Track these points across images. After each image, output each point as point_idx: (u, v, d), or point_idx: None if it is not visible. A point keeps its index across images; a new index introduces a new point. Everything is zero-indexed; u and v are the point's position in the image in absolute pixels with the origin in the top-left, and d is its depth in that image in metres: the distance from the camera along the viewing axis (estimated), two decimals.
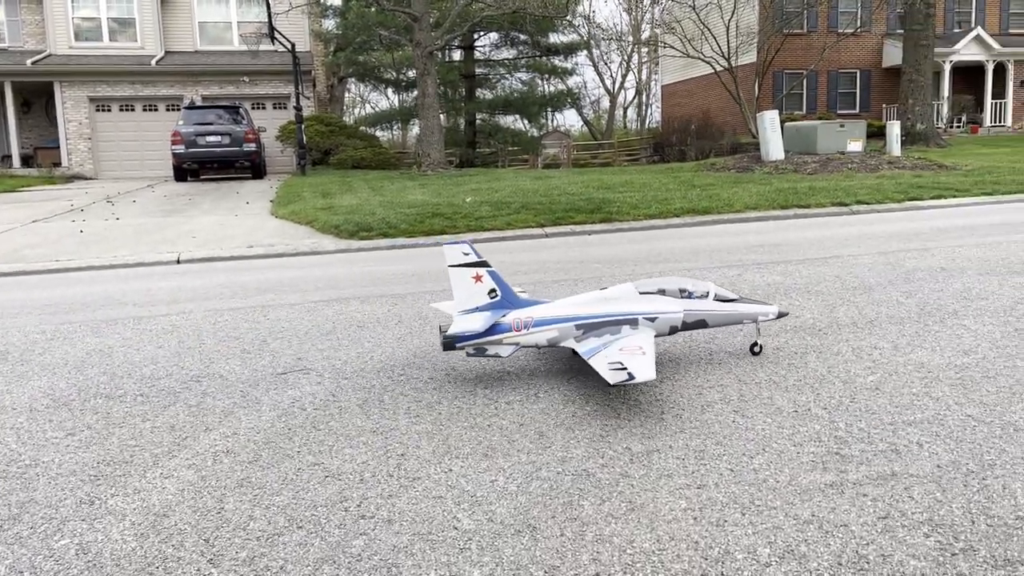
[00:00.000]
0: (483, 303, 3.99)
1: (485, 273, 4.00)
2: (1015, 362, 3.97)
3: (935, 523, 2.48)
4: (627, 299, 4.01)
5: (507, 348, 3.94)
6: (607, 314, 3.94)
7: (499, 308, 3.99)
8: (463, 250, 3.99)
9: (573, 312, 3.98)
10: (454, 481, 2.89)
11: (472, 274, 3.99)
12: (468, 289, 4.00)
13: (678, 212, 11.42)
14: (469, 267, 3.99)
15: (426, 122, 22.74)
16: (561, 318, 3.96)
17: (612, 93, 57.33)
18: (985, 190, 12.79)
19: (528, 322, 3.95)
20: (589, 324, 3.92)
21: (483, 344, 3.92)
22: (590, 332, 3.91)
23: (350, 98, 55.59)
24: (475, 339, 3.89)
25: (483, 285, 4.00)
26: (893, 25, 31.82)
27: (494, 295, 4.00)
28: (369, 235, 10.48)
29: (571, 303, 4.07)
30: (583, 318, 3.94)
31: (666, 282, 4.13)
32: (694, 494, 2.73)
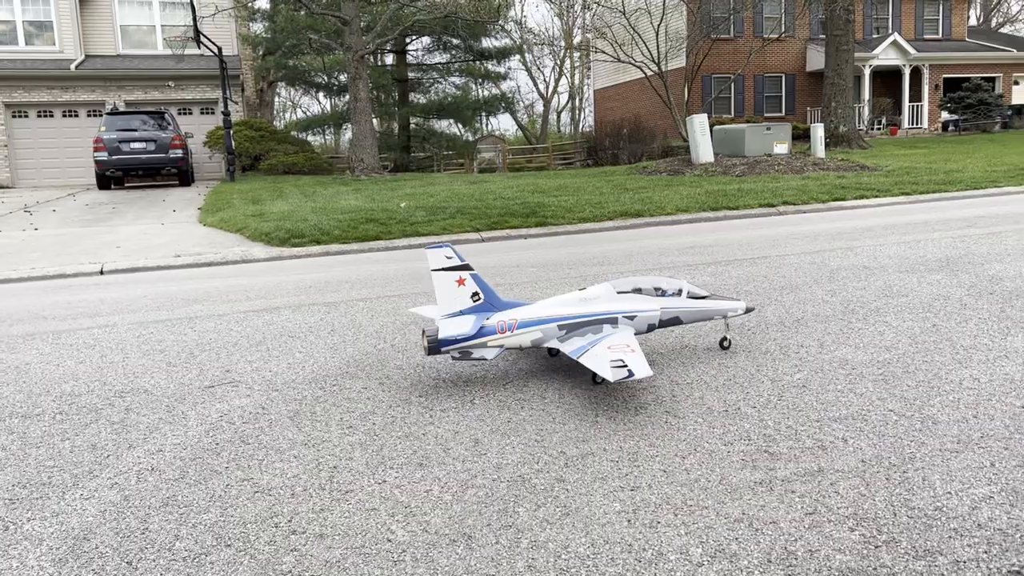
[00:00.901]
0: (466, 306, 3.99)
1: (468, 276, 4.00)
2: (933, 357, 4.12)
3: (859, 517, 2.55)
4: (606, 299, 4.10)
5: (492, 351, 3.96)
6: (588, 314, 4.02)
7: (482, 311, 4.00)
8: (446, 254, 3.97)
9: (555, 313, 4.02)
10: (388, 492, 2.85)
11: (455, 277, 3.98)
12: (451, 292, 3.99)
13: (612, 215, 11.55)
14: (452, 271, 3.97)
15: (359, 127, 22.51)
16: (544, 319, 4.00)
17: (546, 97, 57.72)
18: (904, 190, 13.27)
19: (512, 324, 3.98)
20: (571, 324, 4.00)
21: (468, 347, 3.91)
22: (573, 332, 3.99)
23: (280, 103, 54.76)
24: (462, 343, 3.88)
25: (466, 288, 4.00)
26: (816, 30, 32.81)
27: (477, 298, 4.01)
28: (301, 242, 10.30)
29: (552, 304, 4.12)
30: (565, 318, 4.00)
31: (641, 281, 4.23)
32: (628, 496, 2.75)
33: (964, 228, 8.76)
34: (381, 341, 5.00)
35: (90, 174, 22.12)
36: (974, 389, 3.61)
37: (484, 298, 4.02)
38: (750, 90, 33.54)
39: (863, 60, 31.01)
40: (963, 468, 2.84)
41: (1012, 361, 3.97)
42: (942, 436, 3.12)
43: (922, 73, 33.55)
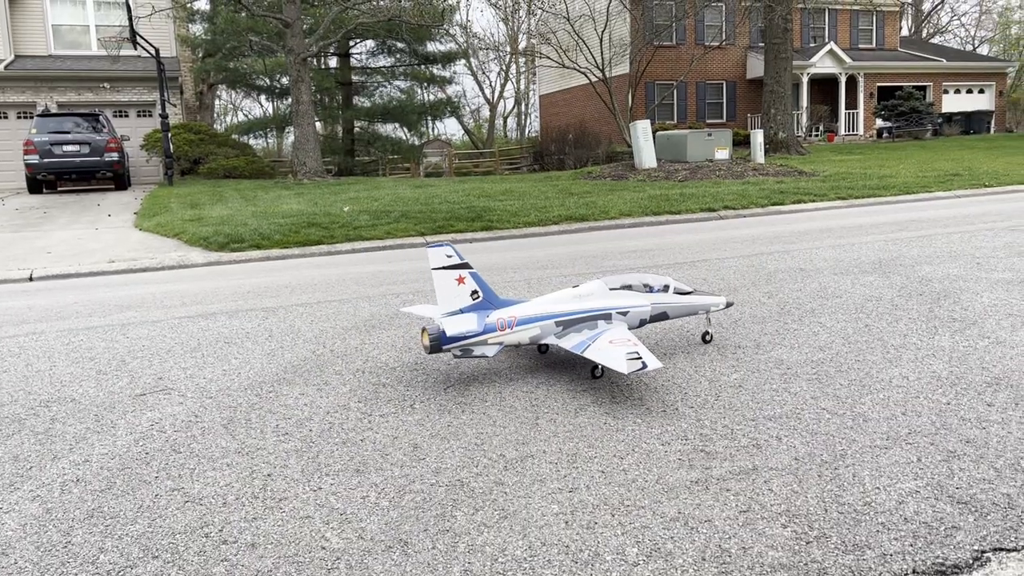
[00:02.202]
0: (466, 304, 4.03)
1: (467, 275, 4.03)
2: (865, 356, 4.22)
3: (792, 514, 2.58)
4: (599, 295, 4.20)
5: (492, 348, 3.99)
6: (583, 310, 4.12)
7: (482, 309, 4.04)
8: (446, 252, 4.00)
9: (552, 310, 4.10)
10: (323, 499, 2.80)
11: (455, 276, 4.01)
12: (451, 291, 4.02)
13: (557, 220, 11.60)
14: (452, 269, 4.00)
15: (301, 130, 22.23)
16: (542, 316, 4.07)
17: (492, 102, 57.81)
18: (840, 195, 13.62)
19: (511, 321, 4.02)
20: (568, 320, 4.09)
21: (469, 345, 3.94)
22: (569, 328, 4.09)
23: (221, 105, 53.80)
24: (465, 340, 3.90)
25: (465, 287, 4.03)
26: (755, 39, 33.51)
27: (476, 296, 4.05)
28: (240, 247, 10.12)
29: (548, 301, 4.19)
30: (562, 315, 4.09)
31: (631, 278, 4.34)
32: (566, 498, 2.74)
33: (896, 232, 9.02)
34: (320, 346, 4.93)
35: (20, 178, 21.38)
36: (903, 387, 3.71)
37: (483, 296, 4.06)
38: (692, 97, 34.09)
39: (801, 68, 31.78)
40: (891, 464, 2.91)
41: (939, 359, 4.09)
42: (872, 433, 3.19)
43: (857, 81, 34.52)
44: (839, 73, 33.79)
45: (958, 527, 2.45)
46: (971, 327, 4.66)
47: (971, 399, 3.50)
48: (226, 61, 31.49)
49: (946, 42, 54.15)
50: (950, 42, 56.26)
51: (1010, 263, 6.60)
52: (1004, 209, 11.05)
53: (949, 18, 61.36)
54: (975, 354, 4.14)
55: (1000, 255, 7.01)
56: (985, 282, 5.89)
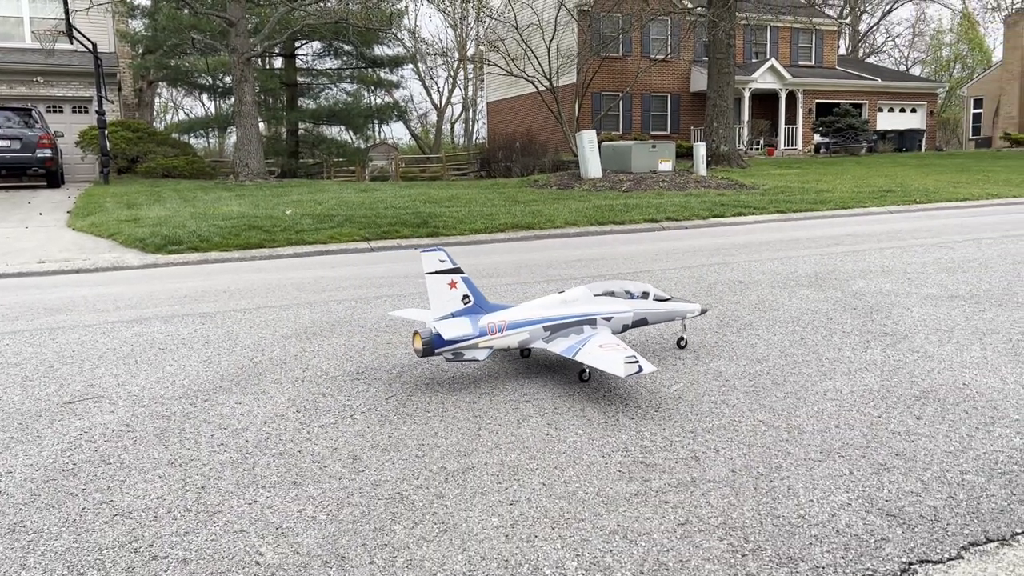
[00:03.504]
0: (457, 308, 4.09)
1: (459, 279, 4.10)
2: (800, 369, 4.31)
3: (728, 526, 2.62)
4: (584, 301, 4.32)
5: (483, 352, 4.06)
6: (570, 315, 4.22)
7: (473, 313, 4.09)
8: (439, 257, 4.06)
9: (540, 315, 4.19)
10: (259, 513, 2.74)
11: (447, 280, 4.08)
12: (444, 295, 4.08)
13: (503, 227, 11.62)
14: (444, 274, 4.07)
15: (244, 131, 21.85)
16: (531, 320, 4.16)
17: (439, 108, 57.73)
18: (779, 208, 13.94)
19: (502, 325, 4.09)
20: (555, 325, 4.18)
21: (461, 349, 3.99)
22: (556, 333, 4.18)
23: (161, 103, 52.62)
24: (457, 344, 3.96)
25: (457, 291, 4.10)
26: (699, 53, 34.15)
27: (467, 301, 4.12)
28: (178, 249, 9.89)
29: (535, 306, 4.28)
30: (549, 320, 4.18)
31: (612, 285, 4.48)
32: (507, 511, 2.74)
33: (832, 246, 9.26)
34: (258, 354, 4.84)
35: None
36: (837, 400, 3.80)
37: (474, 300, 4.13)
38: (637, 108, 34.55)
39: (743, 83, 32.49)
40: (824, 477, 2.97)
41: (871, 373, 4.21)
42: (807, 446, 3.26)
43: (797, 97, 35.43)
44: (779, 89, 34.64)
45: (887, 539, 2.51)
46: (901, 341, 4.81)
47: (901, 412, 3.60)
48: (167, 58, 30.78)
49: (881, 62, 56.00)
50: (885, 62, 58.22)
51: (938, 279, 6.83)
52: (934, 225, 11.44)
53: (884, 39, 63.41)
54: (905, 368, 4.27)
55: (930, 271, 7.25)
56: (915, 297, 6.08)
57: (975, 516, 2.64)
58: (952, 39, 64.25)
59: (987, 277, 6.85)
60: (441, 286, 4.06)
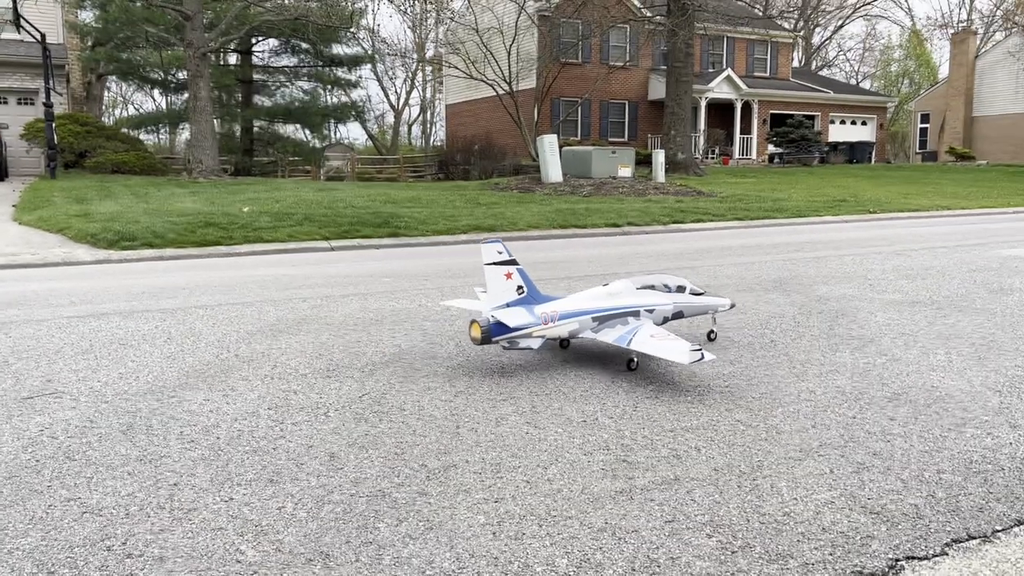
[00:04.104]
0: (512, 299, 4.22)
1: (515, 271, 4.22)
2: (773, 371, 4.34)
3: (715, 524, 2.61)
4: (627, 294, 4.49)
5: (537, 341, 4.19)
6: (616, 307, 4.38)
7: (527, 303, 4.22)
8: (497, 249, 4.19)
9: (589, 306, 4.34)
10: (236, 510, 2.65)
11: (504, 271, 4.20)
12: (500, 285, 4.20)
13: (465, 229, 11.57)
14: (502, 265, 4.19)
15: (198, 127, 21.44)
16: (580, 311, 4.30)
17: (397, 109, 57.40)
18: (737, 215, 14.13)
19: (554, 316, 4.22)
20: (602, 316, 4.33)
21: (516, 338, 4.11)
22: (604, 324, 4.32)
23: (110, 97, 51.41)
24: (515, 332, 4.07)
25: (512, 282, 4.23)
26: (658, 61, 34.51)
27: (521, 291, 4.25)
28: (132, 245, 9.64)
29: (583, 298, 4.43)
30: (598, 311, 4.33)
31: (653, 279, 4.67)
32: (492, 508, 2.69)
33: (792, 252, 9.40)
34: (224, 350, 4.71)
35: None
36: (811, 401, 3.83)
37: (527, 291, 4.25)
38: (596, 114, 34.77)
39: (700, 92, 32.91)
40: (806, 475, 2.98)
41: (842, 375, 4.26)
42: (786, 445, 3.27)
43: (752, 108, 36.02)
44: (735, 99, 35.18)
45: (872, 536, 2.53)
46: (869, 345, 4.88)
47: (875, 413, 3.65)
48: (118, 51, 30.01)
49: (833, 75, 57.31)
50: (837, 75, 59.59)
51: (899, 285, 6.97)
52: (888, 234, 11.70)
53: (836, 53, 64.95)
54: (875, 370, 4.33)
55: (890, 277, 7.39)
56: (878, 302, 6.19)
57: (955, 514, 2.67)
58: (901, 55, 66.11)
59: (945, 284, 7.01)
60: (498, 277, 4.18)
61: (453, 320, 5.57)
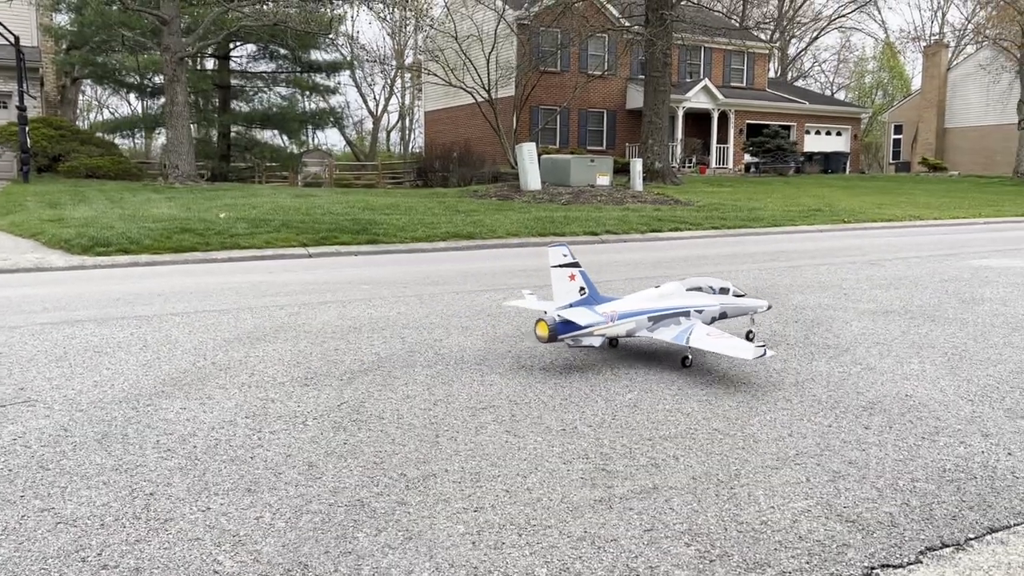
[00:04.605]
0: (575, 299, 4.45)
1: (578, 273, 4.47)
2: (749, 379, 4.38)
3: (694, 532, 2.63)
4: (678, 295, 4.72)
5: (598, 339, 4.40)
6: (669, 307, 4.61)
7: (588, 303, 4.45)
8: (563, 252, 4.45)
9: (644, 306, 4.57)
10: (213, 520, 2.62)
11: (568, 273, 4.45)
12: (565, 287, 4.45)
13: (444, 236, 11.56)
14: (566, 267, 4.45)
15: (174, 132, 21.27)
16: (637, 311, 4.53)
17: (376, 115, 57.30)
18: (714, 224, 14.24)
19: (613, 315, 4.43)
20: (657, 316, 4.57)
21: (580, 335, 4.32)
22: (659, 323, 4.56)
23: (85, 101, 50.90)
24: (579, 331, 4.29)
25: (575, 283, 4.47)
26: (636, 71, 34.74)
27: (583, 292, 4.48)
28: (107, 251, 9.53)
29: (638, 299, 4.65)
30: (653, 311, 4.56)
31: (700, 281, 4.92)
32: (471, 518, 2.69)
33: (768, 261, 9.48)
34: (200, 358, 4.67)
35: None
36: (787, 409, 3.87)
37: (588, 292, 4.48)
38: (574, 123, 34.91)
39: (677, 102, 33.16)
40: (783, 484, 3.01)
41: (818, 384, 4.30)
42: (763, 453, 3.30)
43: (729, 118, 36.35)
44: (712, 109, 35.48)
45: (848, 545, 2.56)
46: (844, 354, 4.94)
47: (850, 422, 3.69)
48: (93, 55, 29.76)
49: (808, 86, 58.00)
50: (812, 86, 60.30)
51: (873, 295, 7.06)
52: (862, 244, 11.85)
53: (812, 64, 65.75)
54: (850, 380, 4.38)
55: (864, 287, 7.49)
56: (853, 312, 6.27)
57: (929, 522, 2.71)
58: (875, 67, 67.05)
59: (918, 294, 7.11)
60: (563, 278, 4.44)
61: (432, 328, 5.57)
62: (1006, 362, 4.77)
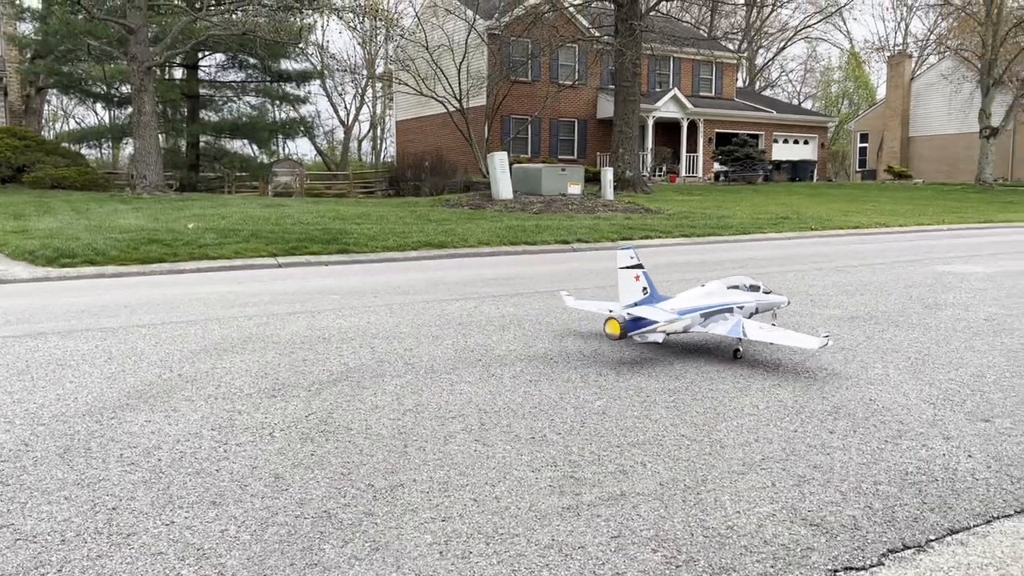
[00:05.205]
0: (639, 298, 4.82)
1: (641, 274, 4.85)
2: (717, 385, 4.42)
3: (661, 538, 2.64)
4: (720, 293, 5.09)
5: (660, 335, 4.71)
6: (715, 304, 4.97)
7: (650, 302, 4.79)
8: (630, 254, 4.85)
9: (696, 304, 4.92)
10: (177, 534, 2.59)
11: (633, 275, 4.83)
12: (630, 286, 4.83)
13: (416, 245, 11.54)
14: (632, 269, 4.82)
15: (143, 142, 21.04)
16: (692, 308, 4.87)
17: (346, 125, 57.10)
18: (684, 232, 14.36)
19: (673, 312, 4.76)
20: (707, 312, 4.92)
21: (646, 332, 4.66)
22: (708, 319, 4.91)
23: (51, 111, 50.17)
24: (646, 328, 4.63)
25: (639, 283, 4.84)
26: (606, 81, 34.98)
27: (646, 292, 4.84)
28: (72, 262, 9.39)
29: (688, 297, 5.01)
30: (703, 308, 4.91)
31: (737, 279, 5.30)
32: (439, 527, 2.68)
33: (736, 268, 9.58)
34: (166, 370, 4.62)
35: None
36: (754, 415, 3.91)
37: (650, 292, 4.84)
38: (546, 132, 35.06)
39: (647, 111, 33.43)
40: (749, 488, 3.04)
41: (784, 389, 4.35)
42: (729, 459, 3.33)
43: (698, 127, 36.71)
44: (681, 118, 35.81)
45: (812, 548, 2.59)
46: (810, 359, 5.00)
47: (815, 427, 3.73)
48: (59, 64, 29.34)
49: (776, 95, 58.77)
50: (779, 95, 61.12)
51: (839, 300, 7.15)
52: (829, 251, 12.01)
53: (779, 73, 66.63)
54: (815, 384, 4.43)
55: (830, 293, 7.59)
56: (819, 317, 6.35)
57: (891, 524, 2.75)
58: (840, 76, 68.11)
59: (883, 300, 7.22)
60: (629, 279, 4.81)
61: (402, 337, 5.55)
62: (967, 366, 4.85)
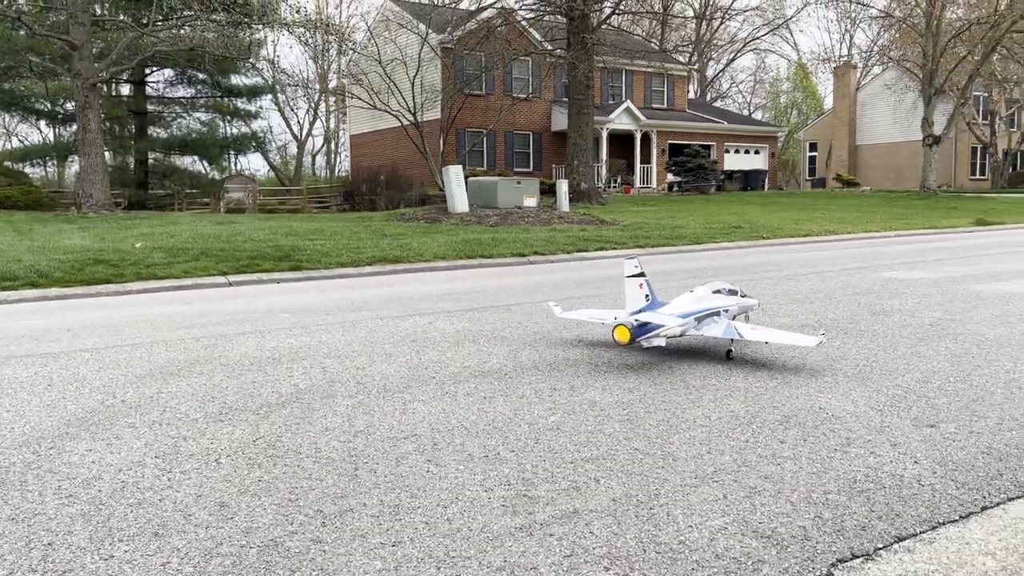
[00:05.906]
0: (642, 305, 5.10)
1: (644, 282, 5.15)
2: (670, 396, 4.43)
3: (613, 556, 2.62)
4: (707, 298, 5.40)
5: (662, 340, 5.01)
6: (704, 309, 5.27)
7: (651, 308, 5.08)
8: (635, 264, 5.15)
9: (690, 308, 5.21)
10: (116, 569, 2.50)
11: (638, 283, 5.12)
12: (635, 294, 5.12)
13: (370, 261, 11.45)
14: (636, 277, 5.11)
15: (88, 159, 20.59)
16: (687, 313, 5.14)
17: (300, 139, 56.63)
18: (639, 243, 14.47)
19: (673, 317, 5.01)
20: (699, 316, 5.21)
21: (651, 336, 4.94)
22: (701, 322, 5.20)
23: None
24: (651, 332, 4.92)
25: (642, 291, 5.12)
26: (560, 93, 35.22)
27: (648, 299, 5.13)
28: (13, 285, 9.13)
29: (682, 302, 5.28)
30: (696, 312, 5.20)
31: (717, 285, 5.63)
32: (389, 553, 2.63)
33: (689, 279, 9.67)
34: (109, 396, 4.49)
35: None
36: (706, 426, 3.92)
37: (651, 299, 5.13)
38: (501, 145, 35.15)
39: (601, 123, 33.74)
40: (701, 502, 3.04)
41: (735, 399, 4.38)
42: (682, 472, 3.33)
43: (651, 138, 37.14)
44: (635, 130, 36.21)
45: (763, 560, 2.59)
46: (761, 368, 5.05)
47: (766, 437, 3.76)
48: (0, 81, 28.64)
49: (727, 107, 59.76)
50: (730, 107, 62.15)
51: (789, 309, 7.25)
52: (780, 260, 12.19)
53: (729, 85, 67.76)
54: (767, 394, 4.47)
55: (780, 301, 7.69)
56: (769, 326, 6.41)
57: (840, 534, 2.77)
58: (789, 87, 69.55)
59: (832, 307, 7.34)
60: (634, 287, 5.10)
61: (354, 356, 5.48)
62: (912, 372, 4.94)
